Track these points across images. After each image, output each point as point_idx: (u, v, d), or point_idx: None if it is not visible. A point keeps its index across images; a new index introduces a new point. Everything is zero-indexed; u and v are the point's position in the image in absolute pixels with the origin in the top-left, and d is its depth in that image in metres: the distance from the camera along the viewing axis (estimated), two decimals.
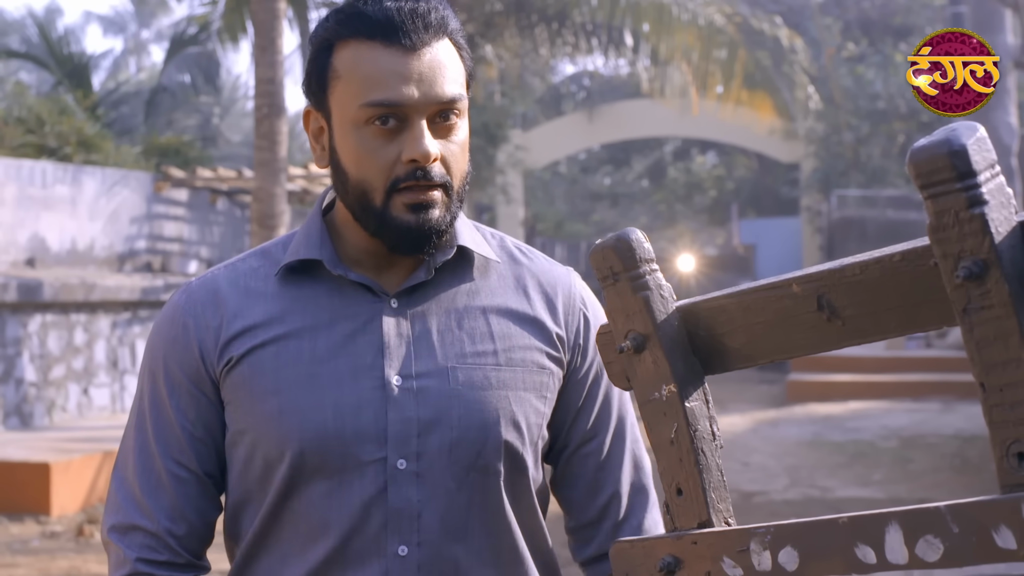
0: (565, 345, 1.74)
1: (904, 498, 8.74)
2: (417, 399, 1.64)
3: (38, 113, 13.63)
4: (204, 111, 29.29)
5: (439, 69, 1.61)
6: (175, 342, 1.70)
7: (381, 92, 1.59)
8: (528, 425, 1.69)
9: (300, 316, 1.68)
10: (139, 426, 1.72)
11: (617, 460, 1.78)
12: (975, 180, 1.01)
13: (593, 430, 1.77)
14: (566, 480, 1.79)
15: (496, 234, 1.81)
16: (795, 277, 1.19)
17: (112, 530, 1.71)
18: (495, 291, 1.73)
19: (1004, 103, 14.33)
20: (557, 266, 1.80)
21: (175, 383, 1.70)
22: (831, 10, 26.43)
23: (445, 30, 1.64)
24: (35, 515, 8.33)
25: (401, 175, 1.61)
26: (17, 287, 10.40)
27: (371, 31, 1.61)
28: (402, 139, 1.61)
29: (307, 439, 1.63)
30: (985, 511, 1.01)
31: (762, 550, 1.17)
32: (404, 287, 1.68)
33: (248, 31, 17.11)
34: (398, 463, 1.63)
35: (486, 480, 1.67)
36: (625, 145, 31.40)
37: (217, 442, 1.71)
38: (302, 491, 1.65)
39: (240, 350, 1.67)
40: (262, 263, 1.74)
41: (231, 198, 15.12)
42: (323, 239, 1.70)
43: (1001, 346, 1.01)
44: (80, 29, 51.93)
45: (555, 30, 17.89)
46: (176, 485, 1.69)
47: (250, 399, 1.66)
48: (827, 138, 23.32)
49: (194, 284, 1.74)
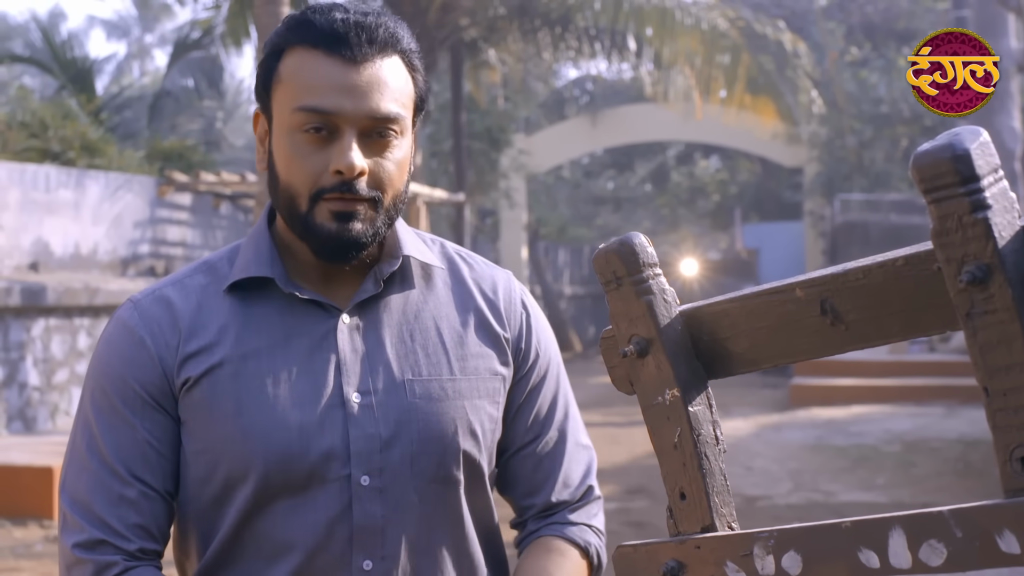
0: (511, 347, 1.76)
1: (907, 502, 8.73)
2: (377, 415, 1.65)
3: (42, 117, 13.63)
4: (207, 115, 29.32)
5: (377, 85, 1.62)
6: (133, 361, 1.67)
7: (314, 98, 1.60)
8: (483, 432, 1.71)
9: (255, 336, 1.67)
10: (91, 445, 1.67)
11: (557, 461, 1.79)
12: (978, 184, 1.01)
13: (533, 432, 1.78)
14: (506, 480, 1.80)
15: (436, 240, 1.82)
16: (798, 281, 1.19)
17: (77, 547, 1.64)
18: (442, 299, 1.74)
19: (1007, 107, 14.32)
20: (497, 269, 1.82)
21: (139, 401, 1.66)
22: (834, 14, 26.44)
23: (395, 48, 1.65)
24: (38, 519, 8.33)
25: (326, 185, 1.61)
26: (21, 291, 10.41)
27: (316, 40, 1.62)
28: (331, 150, 1.61)
29: (271, 460, 1.63)
30: (988, 515, 1.01)
31: (765, 554, 1.17)
32: (355, 302, 1.69)
33: (251, 35, 17.12)
34: (362, 479, 1.64)
35: (446, 490, 1.69)
36: (628, 149, 31.40)
37: (177, 460, 1.68)
38: (265, 510, 1.65)
39: (197, 371, 1.65)
40: (210, 279, 1.72)
41: (234, 202, 15.13)
42: (273, 256, 1.70)
43: (1005, 350, 1.01)
44: (84, 33, 52.01)
45: (558, 34, 17.91)
46: (143, 503, 1.65)
47: (209, 420, 1.65)
48: (830, 142, 23.32)
49: (142, 300, 1.71)
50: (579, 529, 1.77)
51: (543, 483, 1.78)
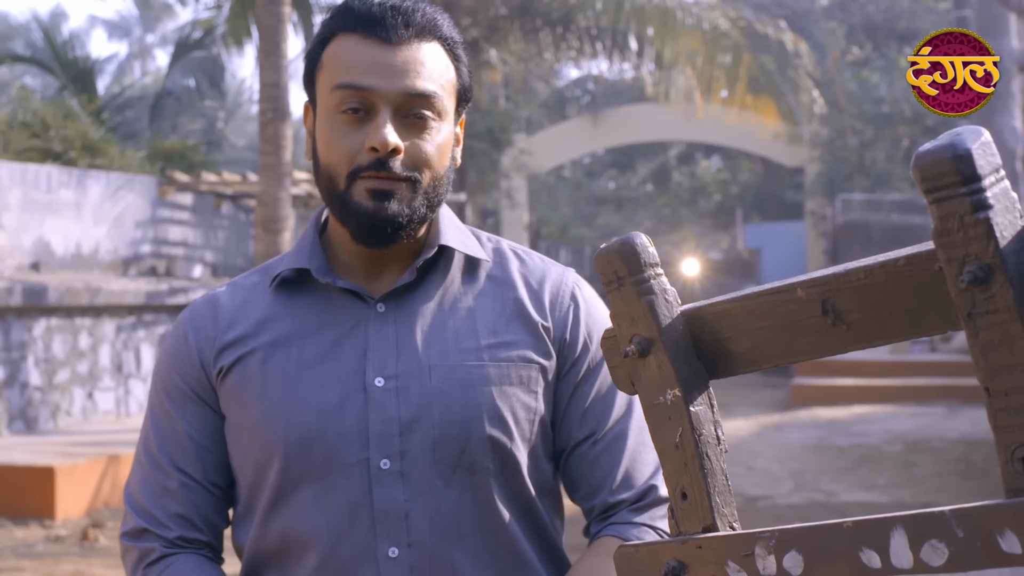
0: (552, 337, 1.72)
1: (909, 502, 8.73)
2: (398, 398, 1.65)
3: (43, 117, 13.64)
4: (209, 115, 29.33)
5: (414, 65, 1.64)
6: (176, 355, 1.74)
7: (350, 76, 1.63)
8: (516, 420, 1.68)
9: (288, 323, 1.70)
10: (146, 440, 1.75)
11: (616, 459, 1.73)
12: (980, 184, 1.01)
13: (587, 427, 1.73)
14: (568, 482, 1.77)
15: (493, 238, 1.81)
16: (800, 281, 1.19)
17: (125, 535, 1.74)
18: (481, 292, 1.73)
19: (1009, 107, 14.32)
20: (553, 265, 1.80)
21: (181, 394, 1.72)
22: (836, 14, 26.43)
23: (434, 33, 1.67)
24: (40, 519, 8.33)
25: (363, 163, 1.63)
26: (22, 291, 10.41)
27: (354, 24, 1.65)
28: (367, 128, 1.63)
29: (291, 441, 1.64)
30: (990, 515, 1.01)
31: (767, 554, 1.17)
32: (390, 291, 1.69)
33: (253, 35, 17.13)
34: (381, 463, 1.63)
35: (474, 478, 1.66)
36: (629, 149, 31.40)
37: (223, 452, 1.72)
38: (290, 498, 1.66)
39: (231, 359, 1.70)
40: (262, 278, 1.77)
41: (235, 202, 15.13)
42: (314, 249, 1.73)
43: (1006, 350, 1.01)
44: (85, 33, 52.02)
45: (560, 34, 17.91)
46: (184, 493, 1.70)
47: (240, 406, 1.69)
48: (831, 142, 23.31)
49: (198, 300, 1.79)
50: (639, 530, 1.70)
51: (602, 482, 1.73)
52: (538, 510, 1.73)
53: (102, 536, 7.98)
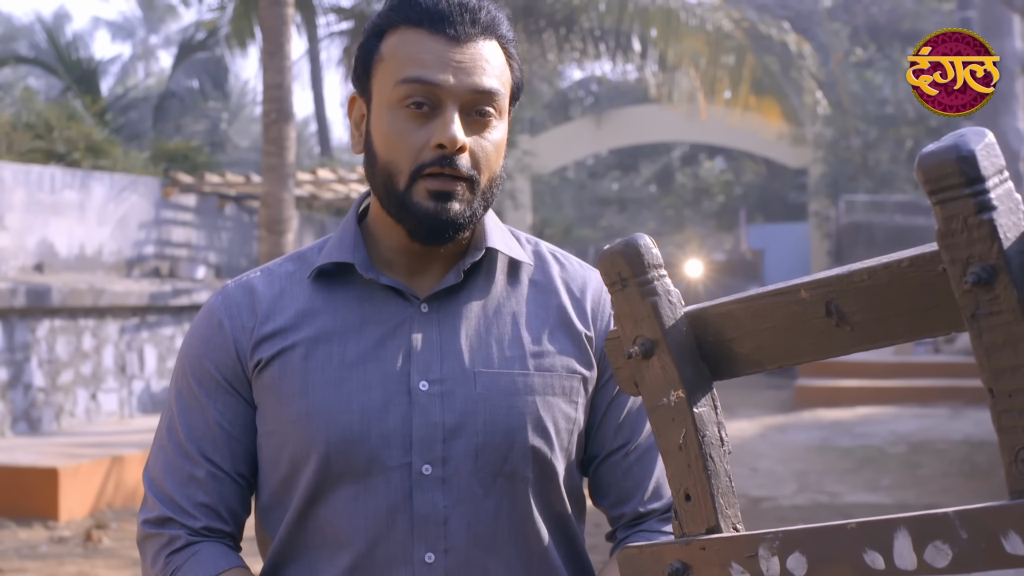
0: (594, 347, 1.72)
1: (912, 504, 8.73)
2: (443, 404, 1.64)
3: (47, 118, 13.65)
4: (212, 116, 29.35)
5: (479, 62, 1.63)
6: (210, 341, 1.71)
7: (419, 70, 1.61)
8: (557, 430, 1.68)
9: (331, 319, 1.68)
10: (170, 426, 1.72)
11: (648, 469, 1.74)
12: (984, 186, 1.01)
13: (621, 437, 1.73)
14: (597, 489, 1.77)
15: (531, 239, 1.80)
16: (803, 283, 1.19)
17: (146, 523, 1.71)
18: (526, 295, 1.72)
19: (1012, 108, 14.31)
20: (590, 270, 1.79)
21: (213, 383, 1.70)
22: (839, 15, 26.43)
23: (494, 32, 1.66)
24: (43, 520, 8.34)
25: (427, 160, 1.61)
26: (26, 292, 10.42)
27: (419, 18, 1.63)
28: (433, 125, 1.61)
29: (332, 442, 1.63)
30: (994, 517, 1.01)
31: (770, 556, 1.17)
32: (435, 291, 1.68)
33: (256, 36, 17.15)
34: (423, 468, 1.62)
35: (514, 487, 1.66)
36: (633, 150, 31.40)
37: (251, 443, 1.71)
38: (328, 496, 1.65)
39: (270, 352, 1.68)
40: (298, 267, 1.74)
41: (239, 203, 15.13)
42: (356, 242, 1.70)
43: (1010, 351, 1.01)
44: (88, 34, 52.05)
45: (563, 35, 17.90)
46: (211, 483, 1.69)
47: (279, 401, 1.66)
48: (835, 143, 23.30)
49: (230, 286, 1.75)
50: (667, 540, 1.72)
51: (633, 491, 1.73)
52: (568, 518, 1.74)
53: (106, 537, 7.98)
